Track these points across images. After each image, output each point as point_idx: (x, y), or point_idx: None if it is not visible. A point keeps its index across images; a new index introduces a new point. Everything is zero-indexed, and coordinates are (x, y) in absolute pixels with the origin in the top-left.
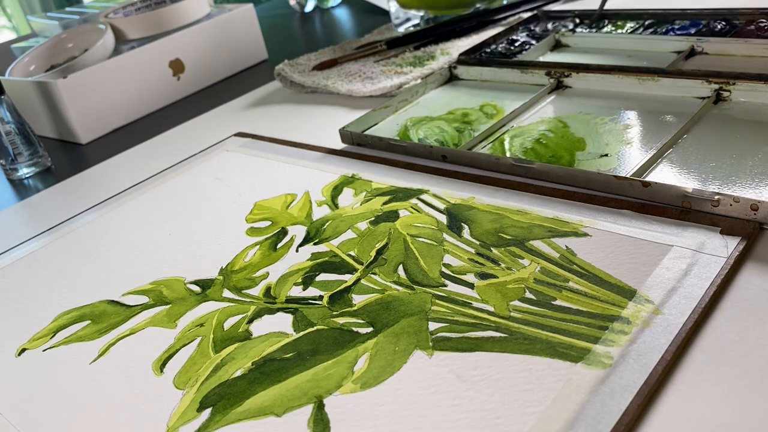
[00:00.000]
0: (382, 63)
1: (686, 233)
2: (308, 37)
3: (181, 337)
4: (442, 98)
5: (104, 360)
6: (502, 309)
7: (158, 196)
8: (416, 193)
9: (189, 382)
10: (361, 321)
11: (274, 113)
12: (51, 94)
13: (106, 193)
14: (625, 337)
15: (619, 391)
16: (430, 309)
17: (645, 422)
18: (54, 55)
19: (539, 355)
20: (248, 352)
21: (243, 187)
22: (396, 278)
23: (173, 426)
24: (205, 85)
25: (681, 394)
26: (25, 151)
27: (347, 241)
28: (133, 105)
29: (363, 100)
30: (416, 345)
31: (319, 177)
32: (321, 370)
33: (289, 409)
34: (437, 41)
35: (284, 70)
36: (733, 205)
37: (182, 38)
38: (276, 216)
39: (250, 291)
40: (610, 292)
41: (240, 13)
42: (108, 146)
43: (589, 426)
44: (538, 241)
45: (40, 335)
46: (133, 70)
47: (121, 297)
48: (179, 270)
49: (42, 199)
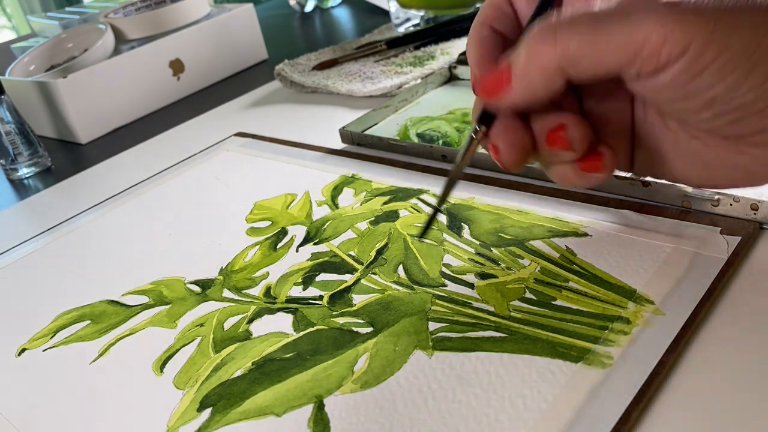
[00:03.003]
0: (382, 63)
1: (686, 233)
2: (308, 37)
3: (181, 337)
4: (442, 98)
5: (104, 360)
6: (502, 309)
7: (158, 196)
8: (416, 193)
9: (189, 382)
10: (361, 321)
11: (274, 113)
12: (51, 93)
13: (106, 193)
14: (626, 337)
15: (619, 391)
16: (430, 309)
17: (645, 422)
18: (54, 55)
19: (539, 355)
20: (248, 352)
21: (243, 187)
22: (396, 278)
23: (173, 426)
24: (205, 85)
25: (681, 394)
26: (25, 151)
27: (347, 241)
28: (133, 105)
29: (363, 100)
30: (416, 345)
31: (319, 177)
32: (321, 370)
33: (289, 409)
34: (437, 41)
35: (284, 70)
36: (733, 204)
37: (182, 38)
38: (276, 216)
39: (250, 291)
40: (610, 292)
41: (240, 13)
42: (108, 146)
43: (589, 426)
44: (538, 241)
45: (40, 335)
46: (133, 69)
47: (121, 297)
48: (179, 270)
49: (42, 199)
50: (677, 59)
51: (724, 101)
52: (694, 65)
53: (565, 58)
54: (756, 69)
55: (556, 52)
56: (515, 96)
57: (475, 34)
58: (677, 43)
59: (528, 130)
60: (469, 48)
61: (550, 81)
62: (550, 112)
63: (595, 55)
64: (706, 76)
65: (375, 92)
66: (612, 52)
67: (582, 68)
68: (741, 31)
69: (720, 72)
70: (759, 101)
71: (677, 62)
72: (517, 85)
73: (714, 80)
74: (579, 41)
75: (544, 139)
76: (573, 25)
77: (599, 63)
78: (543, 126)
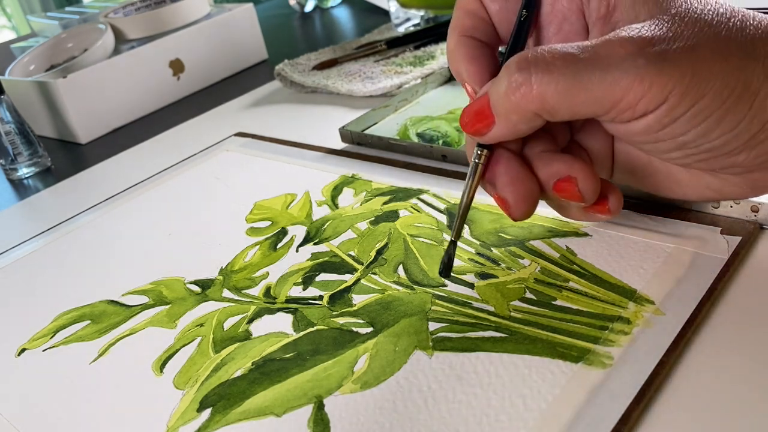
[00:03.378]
0: (382, 63)
1: (686, 233)
2: (308, 37)
3: (180, 337)
4: (442, 98)
5: (104, 360)
6: (503, 309)
7: (158, 196)
8: (416, 193)
9: (189, 382)
10: (361, 321)
11: (274, 113)
12: (51, 93)
13: (106, 193)
14: (626, 337)
15: (619, 392)
16: (430, 309)
17: (645, 422)
18: (54, 54)
19: (539, 355)
20: (248, 352)
21: (243, 187)
22: (396, 278)
23: (173, 426)
24: (205, 85)
25: (681, 394)
26: (24, 151)
27: (347, 241)
28: (133, 105)
29: (363, 99)
30: (416, 345)
31: (319, 177)
32: (321, 370)
33: (289, 410)
34: (437, 41)
35: (284, 70)
36: (733, 206)
37: (182, 38)
38: (276, 216)
39: (250, 291)
40: (610, 292)
41: (240, 13)
42: (108, 146)
43: (589, 426)
44: (538, 241)
45: (40, 335)
46: (133, 69)
47: (120, 297)
48: (179, 270)
49: (42, 199)
50: (652, 111)
51: (694, 145)
52: (668, 116)
53: (543, 107)
54: (727, 117)
55: (533, 101)
56: (500, 133)
57: (463, 50)
58: (654, 98)
59: (534, 177)
60: (461, 64)
61: (530, 122)
62: (556, 159)
63: (572, 105)
64: (678, 124)
65: (375, 92)
66: (589, 104)
67: (559, 115)
68: (714, 81)
69: (692, 120)
70: (728, 145)
71: (652, 113)
72: (500, 124)
73: (686, 128)
74: (556, 91)
75: (552, 187)
76: (550, 73)
77: (575, 112)
78: (549, 174)
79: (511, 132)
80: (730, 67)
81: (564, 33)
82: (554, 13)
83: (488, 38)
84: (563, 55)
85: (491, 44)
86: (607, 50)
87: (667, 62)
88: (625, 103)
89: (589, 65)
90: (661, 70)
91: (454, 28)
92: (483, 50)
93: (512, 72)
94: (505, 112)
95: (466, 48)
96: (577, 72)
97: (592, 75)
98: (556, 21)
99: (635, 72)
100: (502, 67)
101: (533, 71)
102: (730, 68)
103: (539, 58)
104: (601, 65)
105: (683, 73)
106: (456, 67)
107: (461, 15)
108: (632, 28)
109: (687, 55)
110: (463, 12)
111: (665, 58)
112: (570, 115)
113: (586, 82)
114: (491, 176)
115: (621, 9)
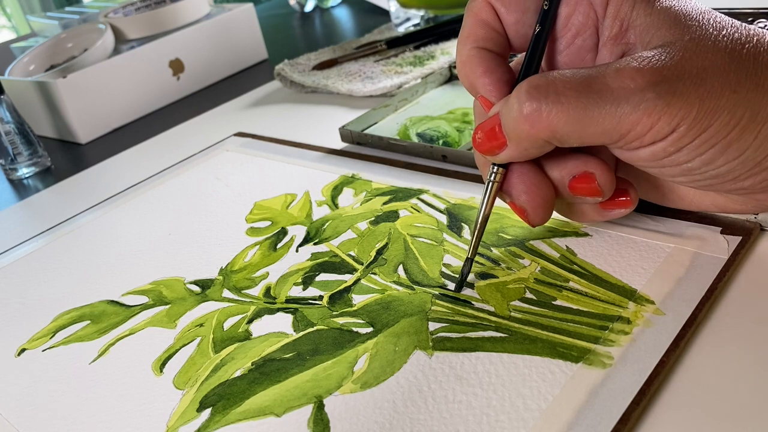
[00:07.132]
0: (382, 63)
1: (687, 233)
2: (308, 37)
3: (180, 337)
4: (442, 98)
5: (104, 360)
6: (503, 309)
7: (158, 196)
8: (416, 193)
9: (189, 382)
10: (361, 321)
11: (274, 113)
12: (51, 93)
13: (106, 193)
14: (626, 337)
15: (619, 392)
16: (430, 309)
17: (645, 422)
18: (54, 54)
19: (539, 355)
20: (248, 352)
21: (243, 187)
22: (396, 278)
23: (173, 426)
24: (205, 85)
25: (681, 395)
26: (24, 150)
27: (347, 241)
28: (133, 105)
29: (363, 99)
30: (416, 345)
31: (319, 177)
32: (321, 370)
33: (289, 409)
34: (437, 41)
35: (284, 69)
36: None
37: (182, 38)
38: (276, 216)
39: (250, 291)
40: (610, 292)
41: (240, 13)
42: (108, 146)
43: (589, 426)
44: (538, 241)
45: (39, 335)
46: (133, 69)
47: (120, 297)
48: (179, 270)
49: (42, 199)
50: (659, 141)
51: (699, 172)
52: (674, 145)
53: (553, 136)
54: (732, 146)
55: (543, 130)
56: (511, 155)
57: (477, 62)
58: (661, 130)
59: (548, 181)
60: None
61: (541, 148)
62: (569, 158)
63: (582, 136)
64: (683, 152)
65: (375, 92)
66: (598, 135)
67: (568, 143)
68: (720, 113)
69: (697, 149)
70: (734, 172)
71: (659, 143)
72: (512, 147)
73: (691, 156)
74: (566, 123)
75: (568, 185)
76: (560, 104)
77: (585, 141)
78: (563, 173)
79: (522, 155)
80: (738, 98)
81: (575, 47)
82: (568, 27)
83: (501, 49)
84: (574, 85)
85: (503, 54)
86: (618, 82)
87: (676, 96)
88: (633, 134)
89: (600, 98)
90: (670, 104)
91: (466, 37)
92: (497, 61)
93: (523, 101)
94: (516, 138)
95: (480, 60)
96: (588, 105)
97: (602, 109)
98: (569, 35)
99: (644, 106)
100: (515, 88)
101: (543, 101)
102: (738, 99)
103: (550, 87)
104: (611, 98)
105: (691, 106)
106: (470, 80)
107: (473, 23)
108: (643, 57)
109: (696, 89)
110: (475, 21)
111: (674, 92)
112: (579, 143)
113: (596, 115)
114: (507, 186)
115: (634, 32)
